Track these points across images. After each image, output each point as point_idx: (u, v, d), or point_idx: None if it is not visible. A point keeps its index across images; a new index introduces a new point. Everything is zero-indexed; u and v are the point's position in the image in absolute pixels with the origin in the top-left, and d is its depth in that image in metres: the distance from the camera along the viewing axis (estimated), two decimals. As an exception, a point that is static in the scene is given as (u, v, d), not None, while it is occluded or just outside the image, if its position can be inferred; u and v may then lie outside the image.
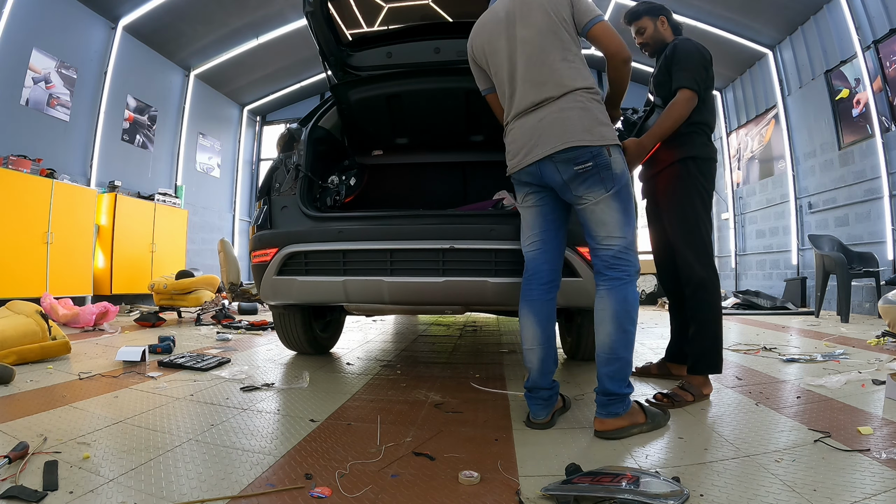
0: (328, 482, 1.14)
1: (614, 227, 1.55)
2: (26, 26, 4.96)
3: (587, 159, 1.51)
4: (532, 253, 1.68)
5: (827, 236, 5.28)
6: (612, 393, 1.50)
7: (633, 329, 1.54)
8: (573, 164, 1.52)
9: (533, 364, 1.61)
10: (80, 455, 1.25)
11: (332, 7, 2.57)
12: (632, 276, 1.55)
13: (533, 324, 1.62)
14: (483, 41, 1.70)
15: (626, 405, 1.51)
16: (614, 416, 1.49)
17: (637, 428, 1.50)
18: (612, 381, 1.51)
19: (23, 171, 4.64)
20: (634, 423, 1.50)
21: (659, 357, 2.37)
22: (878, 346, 3.03)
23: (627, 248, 1.55)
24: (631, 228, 1.57)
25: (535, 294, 1.65)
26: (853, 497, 1.04)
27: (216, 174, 8.49)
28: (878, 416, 1.62)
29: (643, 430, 1.51)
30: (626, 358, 1.52)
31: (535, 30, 1.59)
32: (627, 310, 1.52)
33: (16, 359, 2.31)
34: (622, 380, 1.51)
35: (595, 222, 1.57)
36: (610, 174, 1.53)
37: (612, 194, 1.54)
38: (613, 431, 1.48)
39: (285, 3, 6.56)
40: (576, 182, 1.54)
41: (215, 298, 4.90)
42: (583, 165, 1.51)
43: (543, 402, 1.58)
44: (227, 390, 1.99)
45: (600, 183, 1.53)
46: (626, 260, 1.55)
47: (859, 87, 5.31)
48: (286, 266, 2.15)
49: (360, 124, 2.91)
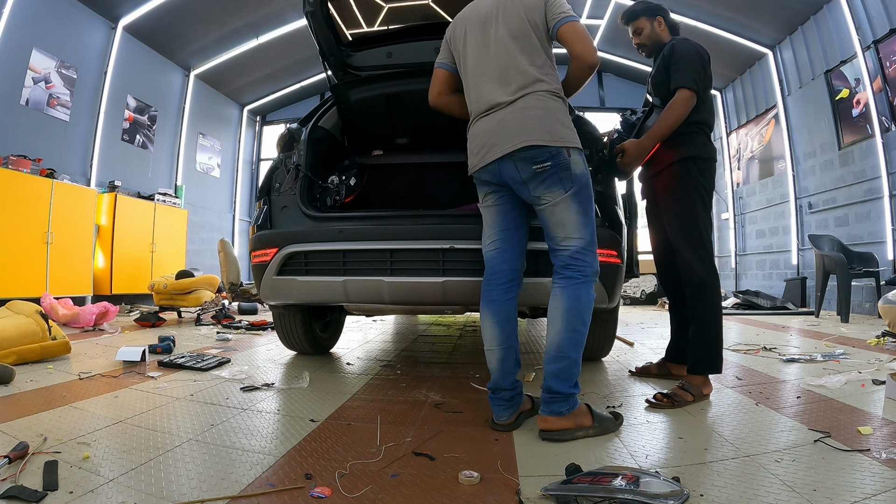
0: (328, 482, 1.14)
1: (573, 228, 1.55)
2: (26, 26, 4.96)
3: (545, 159, 1.52)
4: (492, 252, 1.68)
5: (827, 236, 5.28)
6: (556, 391, 1.48)
7: (583, 330, 1.53)
8: (531, 163, 1.53)
9: (493, 365, 1.59)
10: (80, 455, 1.25)
11: (332, 7, 2.57)
12: (588, 277, 1.55)
13: (492, 324, 1.61)
14: (459, 33, 1.73)
15: (571, 405, 1.48)
16: (557, 414, 1.47)
17: (582, 431, 1.46)
18: (556, 380, 1.49)
19: (23, 171, 4.64)
20: (580, 425, 1.47)
21: (659, 357, 2.37)
22: (878, 346, 3.03)
23: (585, 248, 1.55)
24: (590, 229, 1.57)
25: (495, 294, 1.64)
26: (853, 497, 1.04)
27: (216, 174, 8.49)
28: (878, 416, 1.62)
29: (588, 433, 1.47)
30: (573, 357, 1.50)
31: (507, 32, 1.61)
32: (579, 310, 1.52)
33: (16, 359, 2.31)
34: (567, 379, 1.49)
35: (554, 223, 1.57)
36: (569, 174, 1.53)
37: (571, 195, 1.54)
38: (556, 432, 1.45)
39: (285, 3, 6.56)
40: (534, 181, 1.54)
41: (215, 298, 4.90)
42: (541, 165, 1.52)
43: (505, 403, 1.57)
44: (227, 390, 2.00)
45: (559, 183, 1.53)
46: (582, 260, 1.55)
47: (859, 87, 5.31)
48: (286, 266, 2.14)
49: (360, 124, 2.91)
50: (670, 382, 2.06)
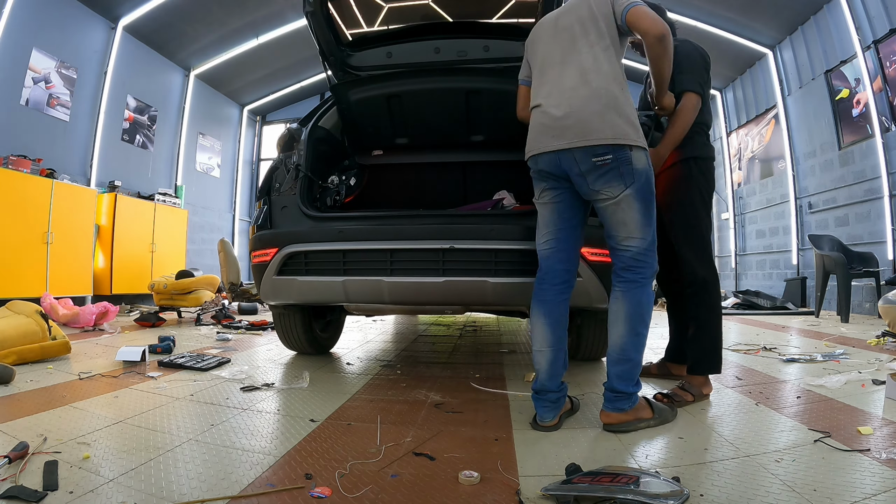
0: (328, 482, 1.13)
1: (634, 228, 1.53)
2: (26, 26, 4.96)
3: (606, 152, 1.50)
4: (546, 251, 1.66)
5: (827, 236, 5.28)
6: (619, 391, 1.52)
7: (644, 332, 1.55)
8: (592, 156, 1.50)
9: (542, 366, 1.59)
10: (80, 455, 1.25)
11: (332, 7, 2.57)
12: (648, 279, 1.55)
13: (544, 325, 1.60)
14: (534, 33, 1.74)
15: (633, 402, 1.53)
16: (620, 411, 1.52)
17: (644, 423, 1.53)
18: (620, 381, 1.53)
19: (23, 171, 4.64)
20: (640, 417, 1.53)
21: (659, 357, 2.37)
22: (878, 346, 3.03)
23: (647, 249, 1.55)
24: (651, 229, 1.56)
25: (549, 295, 1.62)
26: (853, 497, 1.04)
27: (216, 174, 8.49)
28: (878, 416, 1.62)
29: (650, 424, 1.54)
30: (635, 360, 1.54)
31: (575, 19, 1.61)
32: (641, 313, 1.53)
33: (16, 359, 2.31)
34: (630, 379, 1.53)
35: (615, 222, 1.55)
36: (630, 170, 1.51)
37: (633, 192, 1.51)
38: (618, 424, 1.52)
39: (285, 3, 6.56)
40: (593, 175, 1.52)
41: (215, 298, 4.90)
42: (602, 158, 1.49)
43: (551, 405, 1.56)
44: (227, 390, 1.99)
45: (619, 178, 1.50)
46: (643, 262, 1.55)
47: (859, 87, 5.31)
48: (286, 266, 2.14)
49: (360, 124, 2.91)
50: (670, 382, 2.06)
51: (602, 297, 1.93)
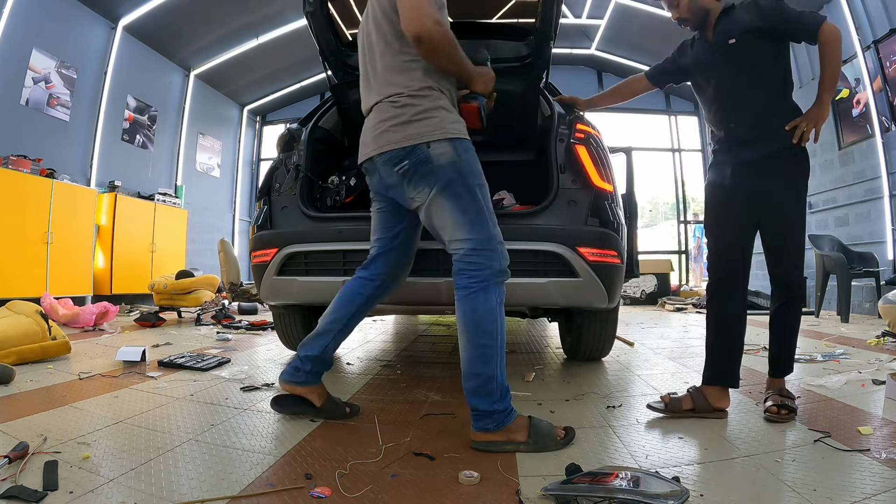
0: (328, 482, 1.13)
1: (454, 229, 1.39)
2: (26, 26, 4.96)
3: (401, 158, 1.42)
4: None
5: (827, 236, 5.28)
6: (477, 409, 1.36)
7: (489, 342, 1.35)
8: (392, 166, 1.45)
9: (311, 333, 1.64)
10: (80, 455, 1.25)
11: (332, 7, 2.56)
12: (485, 281, 1.36)
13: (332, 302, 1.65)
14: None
15: (500, 421, 1.34)
16: (484, 430, 1.36)
17: (513, 446, 1.33)
18: (475, 398, 1.36)
19: (23, 171, 4.64)
20: (511, 440, 1.34)
21: (658, 356, 2.35)
22: (878, 346, 3.03)
23: (476, 249, 1.37)
24: (478, 226, 1.39)
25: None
26: (853, 497, 1.04)
27: (216, 174, 8.49)
28: (878, 416, 1.62)
29: (519, 449, 1.33)
30: (485, 373, 1.34)
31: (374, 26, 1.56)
32: (477, 321, 1.35)
33: (16, 359, 2.31)
34: (486, 396, 1.34)
35: (435, 228, 1.45)
36: (430, 168, 1.39)
37: (439, 190, 1.39)
38: (482, 443, 1.35)
39: (285, 3, 6.56)
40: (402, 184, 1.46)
41: (215, 298, 4.90)
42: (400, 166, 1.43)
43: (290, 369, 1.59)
44: (227, 390, 1.99)
45: (422, 180, 1.40)
46: (476, 262, 1.37)
47: (859, 87, 5.31)
48: (286, 266, 2.14)
49: (360, 124, 2.90)
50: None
51: (602, 296, 1.93)
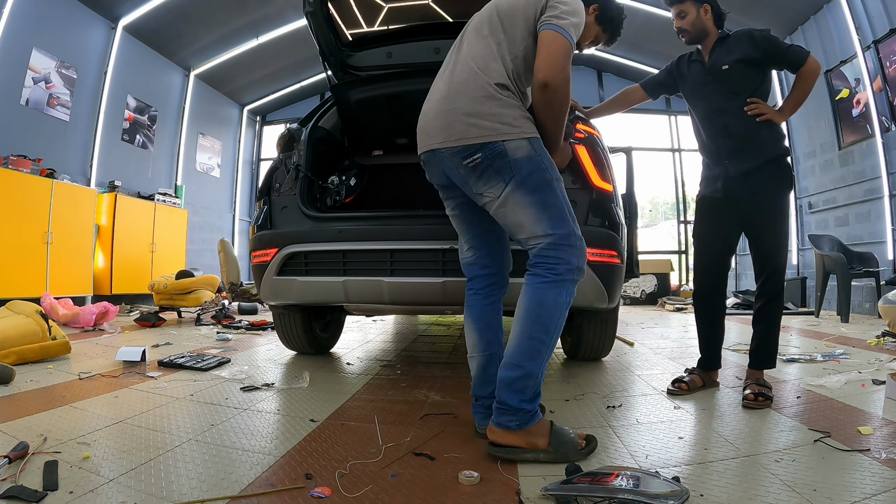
0: (328, 482, 1.14)
1: (533, 225, 1.33)
2: (26, 26, 4.96)
3: (474, 151, 1.35)
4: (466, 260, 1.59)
5: (827, 236, 5.29)
6: (504, 403, 1.28)
7: (544, 338, 1.29)
8: (461, 158, 1.37)
9: (473, 372, 1.50)
10: (80, 455, 1.25)
11: (332, 7, 2.57)
12: (561, 276, 1.30)
13: (473, 330, 1.51)
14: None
15: (523, 421, 1.27)
16: (504, 427, 1.28)
17: (531, 454, 1.25)
18: (507, 391, 1.28)
19: (23, 171, 4.64)
20: (531, 445, 1.26)
21: (657, 356, 2.36)
22: (878, 346, 3.03)
23: (556, 244, 1.32)
24: (558, 221, 1.33)
25: (472, 300, 1.55)
26: (853, 497, 1.04)
27: (216, 174, 8.49)
28: (878, 416, 1.62)
29: (539, 458, 1.25)
30: (527, 369, 1.27)
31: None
32: (540, 314, 1.29)
33: (16, 359, 2.31)
34: (519, 392, 1.27)
35: (511, 224, 1.38)
36: (506, 162, 1.33)
37: (516, 185, 1.33)
38: (500, 448, 1.27)
39: (285, 3, 6.56)
40: (472, 178, 1.38)
41: (215, 298, 4.90)
42: (472, 159, 1.35)
43: (484, 412, 1.44)
44: (227, 390, 1.99)
45: (497, 175, 1.34)
46: (554, 257, 1.31)
47: (859, 87, 5.31)
48: (286, 266, 2.15)
49: (360, 124, 2.91)
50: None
51: (602, 296, 1.93)
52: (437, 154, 1.43)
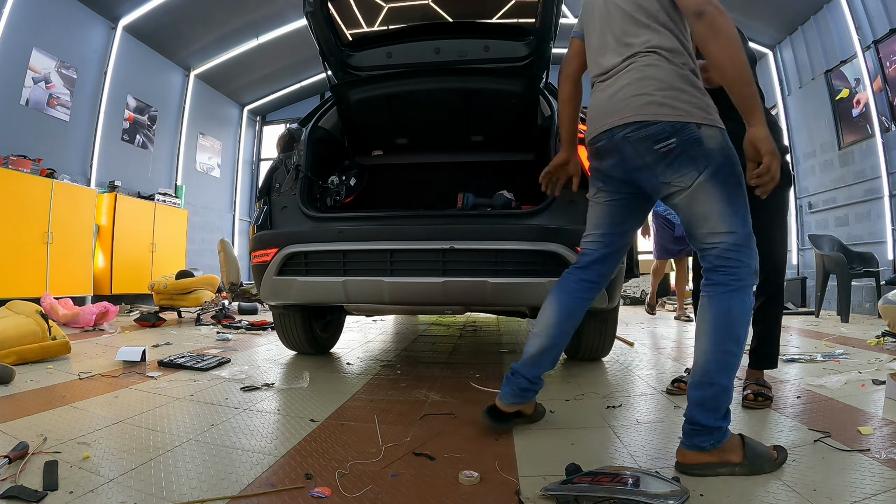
0: (328, 482, 1.13)
1: (719, 221, 1.26)
2: (26, 26, 4.97)
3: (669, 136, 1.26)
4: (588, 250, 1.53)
5: (827, 236, 5.29)
6: (698, 423, 1.22)
7: (736, 350, 1.24)
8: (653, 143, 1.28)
9: (531, 349, 1.49)
10: (80, 455, 1.25)
11: (332, 7, 2.57)
12: (742, 282, 1.25)
13: (553, 313, 1.48)
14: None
15: (717, 440, 1.21)
16: (698, 449, 1.21)
17: (727, 468, 1.19)
18: (700, 410, 1.22)
19: (23, 171, 4.64)
20: (725, 461, 1.20)
21: (656, 355, 2.36)
22: (878, 346, 3.03)
23: (738, 244, 1.25)
24: (742, 220, 1.27)
25: (572, 285, 1.51)
26: (853, 497, 1.04)
27: (216, 174, 8.49)
28: (878, 416, 1.62)
29: (734, 471, 1.18)
30: (722, 385, 1.23)
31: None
32: (730, 325, 1.24)
33: (16, 359, 2.31)
34: (714, 410, 1.22)
35: (694, 218, 1.30)
36: (702, 151, 1.26)
37: (708, 177, 1.25)
38: (694, 465, 1.21)
39: (285, 3, 6.56)
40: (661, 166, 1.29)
41: (215, 298, 4.90)
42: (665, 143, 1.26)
43: (517, 391, 1.47)
44: (227, 390, 1.99)
45: (690, 163, 1.26)
46: (735, 260, 1.25)
47: (859, 87, 5.31)
48: (286, 266, 2.15)
49: (360, 124, 2.91)
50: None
51: (602, 297, 1.92)
52: (615, 138, 1.35)
